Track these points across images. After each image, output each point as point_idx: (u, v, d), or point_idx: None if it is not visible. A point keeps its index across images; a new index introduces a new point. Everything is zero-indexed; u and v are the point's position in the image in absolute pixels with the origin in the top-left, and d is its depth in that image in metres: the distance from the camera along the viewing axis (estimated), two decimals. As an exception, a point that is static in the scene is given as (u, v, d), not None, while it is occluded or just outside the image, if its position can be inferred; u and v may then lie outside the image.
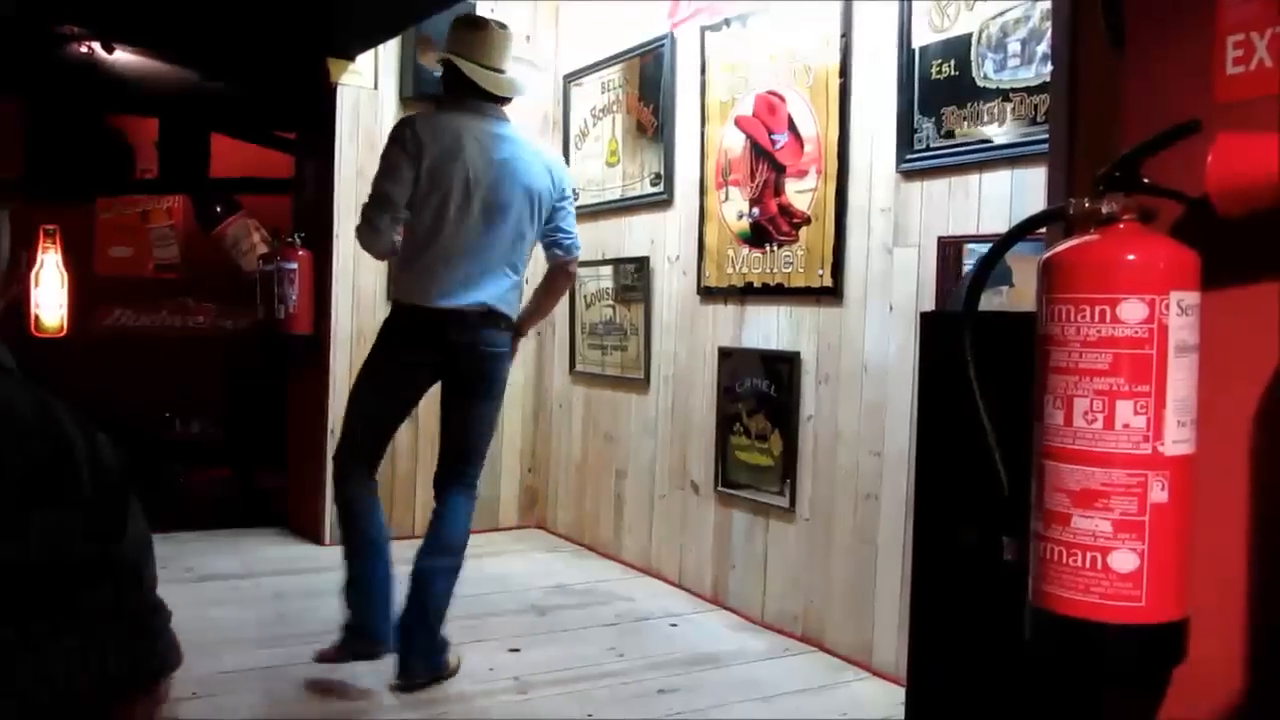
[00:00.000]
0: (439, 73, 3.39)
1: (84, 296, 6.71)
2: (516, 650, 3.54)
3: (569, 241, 3.43)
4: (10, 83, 5.39)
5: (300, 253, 4.84)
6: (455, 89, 3.27)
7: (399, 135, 3.18)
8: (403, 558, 3.23)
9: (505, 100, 3.31)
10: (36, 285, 6.54)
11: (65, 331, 6.62)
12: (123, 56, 5.18)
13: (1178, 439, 1.14)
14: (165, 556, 4.59)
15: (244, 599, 3.94)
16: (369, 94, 4.84)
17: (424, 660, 3.14)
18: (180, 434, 6.65)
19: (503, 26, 3.31)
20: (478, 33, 3.28)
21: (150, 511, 1.21)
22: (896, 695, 3.06)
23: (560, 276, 3.50)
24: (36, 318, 6.55)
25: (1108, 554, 1.14)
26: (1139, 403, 1.13)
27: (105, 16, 4.83)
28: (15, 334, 6.42)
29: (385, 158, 3.17)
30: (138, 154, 6.33)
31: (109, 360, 6.50)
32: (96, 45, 5.08)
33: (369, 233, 3.18)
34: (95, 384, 6.25)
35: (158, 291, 7.01)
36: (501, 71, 3.28)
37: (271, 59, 5.00)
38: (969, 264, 3.12)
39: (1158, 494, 1.13)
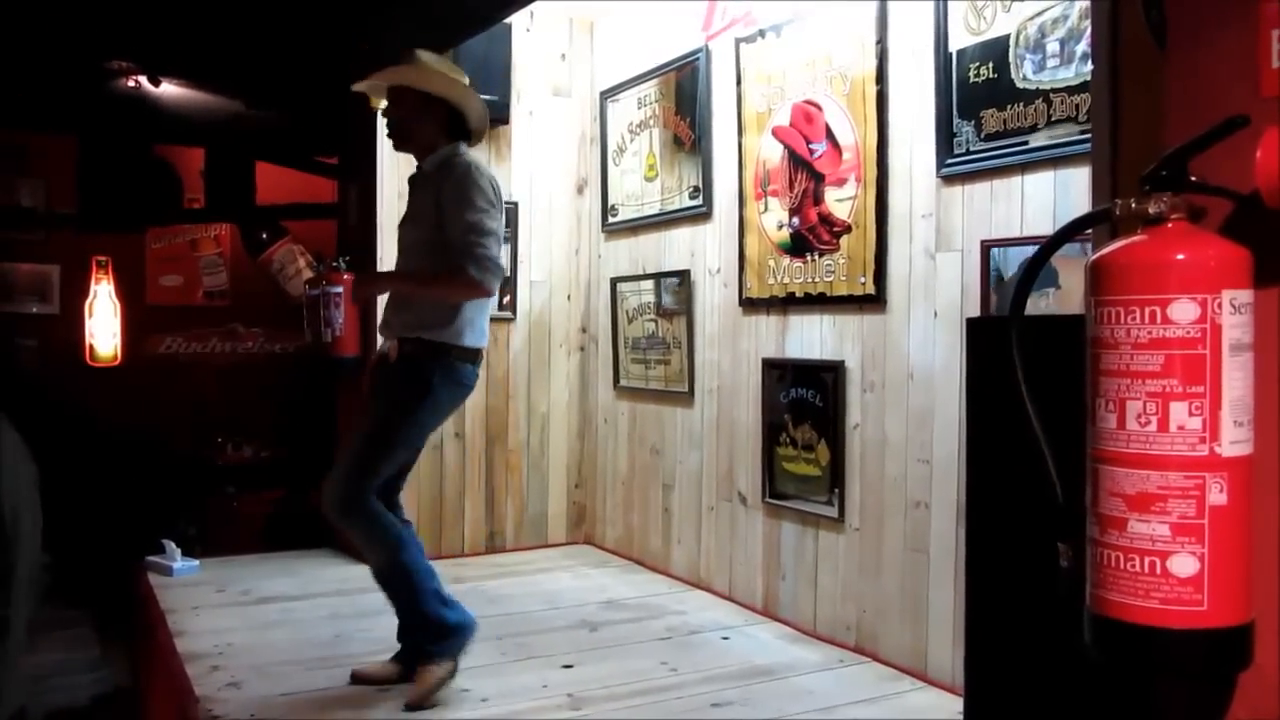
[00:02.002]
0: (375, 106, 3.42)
1: (136, 325, 6.85)
2: (569, 666, 3.54)
3: None
4: (62, 119, 5.53)
5: (345, 276, 4.89)
6: (457, 131, 3.29)
7: (489, 182, 3.20)
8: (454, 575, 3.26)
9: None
10: (91, 316, 6.69)
11: (119, 360, 6.76)
12: (169, 89, 5.29)
13: (1235, 439, 1.12)
14: (223, 579, 4.68)
15: (300, 620, 3.98)
16: (409, 117, 4.88)
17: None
18: (233, 458, 6.75)
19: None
20: (455, 73, 3.35)
21: (206, 535, 1.24)
22: (954, 705, 3.02)
23: None
24: (91, 347, 6.69)
25: (1167, 558, 1.12)
26: (1193, 404, 1.11)
27: (152, 51, 4.93)
28: (72, 364, 6.56)
29: (485, 198, 3.14)
30: (185, 184, 6.46)
31: (162, 387, 6.62)
32: (144, 79, 5.19)
33: (498, 270, 3.15)
34: (149, 411, 6.39)
35: (207, 318, 7.13)
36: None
37: (312, 87, 5.08)
38: (1003, 269, 3.09)
39: (1216, 496, 1.11)
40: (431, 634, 3.19)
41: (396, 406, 3.21)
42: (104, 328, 6.72)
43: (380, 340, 3.40)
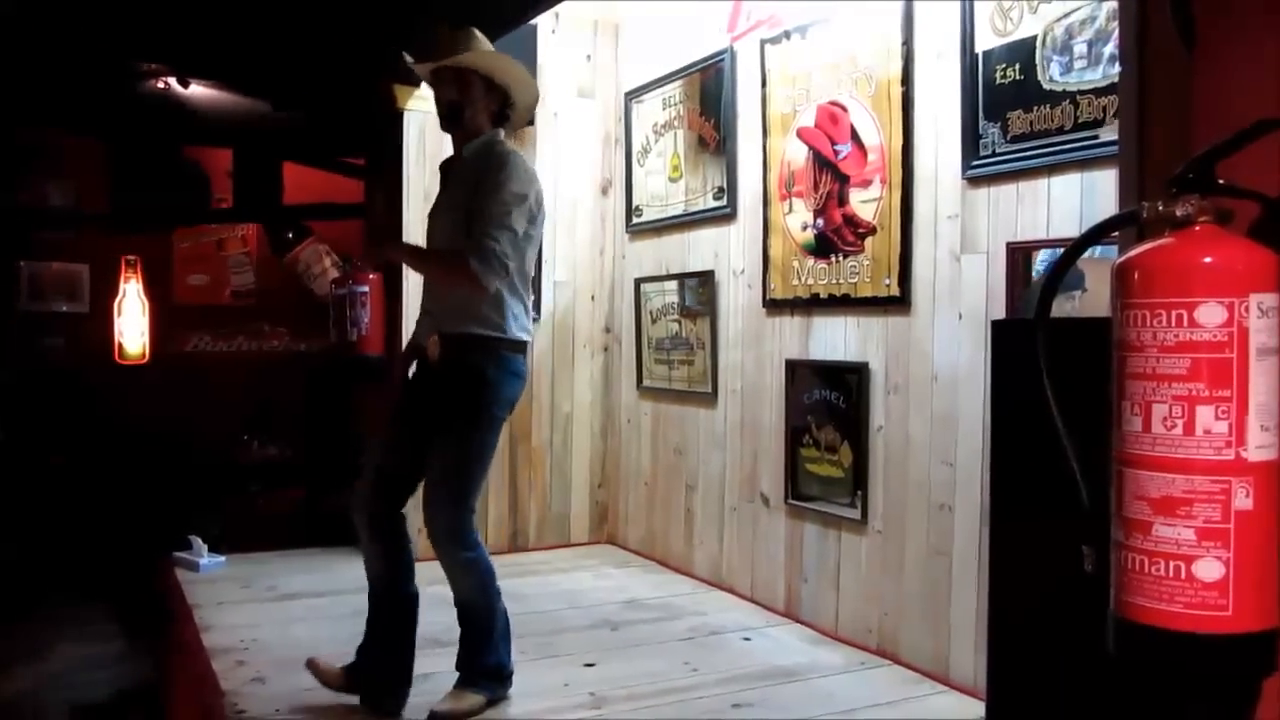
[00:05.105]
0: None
1: (164, 324, 6.91)
2: (591, 665, 3.55)
3: None
4: (91, 120, 5.60)
5: (370, 276, 4.92)
6: (504, 119, 3.24)
7: (527, 177, 3.11)
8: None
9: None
10: (120, 314, 6.75)
11: (147, 358, 6.82)
12: (197, 90, 5.34)
13: (1261, 444, 1.12)
14: (248, 575, 4.67)
15: (324, 617, 4.01)
16: (435, 119, 4.90)
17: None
18: (258, 455, 6.79)
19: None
20: (517, 63, 3.26)
21: (231, 532, 1.24)
22: (975, 709, 3.01)
23: None
24: (120, 345, 6.75)
25: (1191, 562, 1.12)
26: (1220, 408, 1.11)
27: (181, 53, 4.98)
28: (101, 362, 6.63)
29: (515, 193, 3.04)
30: (213, 184, 6.52)
31: (189, 385, 6.67)
32: (173, 80, 5.25)
33: (500, 267, 3.00)
34: (176, 409, 6.45)
35: (234, 317, 7.19)
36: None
37: (339, 87, 5.12)
38: (1040, 271, 3.08)
39: (1242, 500, 1.11)
40: (488, 671, 3.15)
41: (470, 417, 3.09)
42: (132, 326, 6.78)
43: (415, 332, 3.31)
